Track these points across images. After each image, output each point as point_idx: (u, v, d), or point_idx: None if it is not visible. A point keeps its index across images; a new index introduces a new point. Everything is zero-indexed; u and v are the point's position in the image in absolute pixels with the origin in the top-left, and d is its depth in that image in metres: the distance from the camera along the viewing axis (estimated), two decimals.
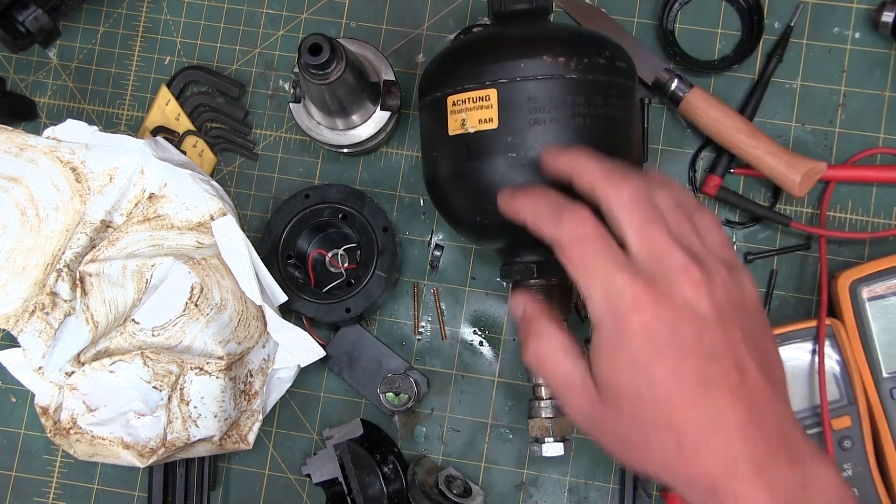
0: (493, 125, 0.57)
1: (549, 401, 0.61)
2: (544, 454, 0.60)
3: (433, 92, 0.61)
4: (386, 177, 0.77)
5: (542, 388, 0.61)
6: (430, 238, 0.76)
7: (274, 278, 0.69)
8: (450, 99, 0.59)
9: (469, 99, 0.58)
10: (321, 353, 0.70)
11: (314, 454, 0.71)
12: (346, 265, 0.75)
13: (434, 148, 0.62)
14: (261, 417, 0.71)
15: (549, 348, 0.51)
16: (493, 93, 0.58)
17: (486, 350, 0.75)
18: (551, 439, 0.60)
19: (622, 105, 0.59)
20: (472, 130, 0.58)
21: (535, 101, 0.57)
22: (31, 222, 0.71)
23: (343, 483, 0.68)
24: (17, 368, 0.71)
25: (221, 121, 0.78)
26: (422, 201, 0.76)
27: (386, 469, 0.70)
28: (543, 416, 0.60)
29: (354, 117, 0.70)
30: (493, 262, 0.75)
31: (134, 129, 0.79)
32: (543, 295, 0.61)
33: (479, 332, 0.75)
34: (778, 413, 0.45)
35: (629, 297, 0.45)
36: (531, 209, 0.51)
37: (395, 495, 0.69)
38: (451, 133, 0.59)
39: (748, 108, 0.73)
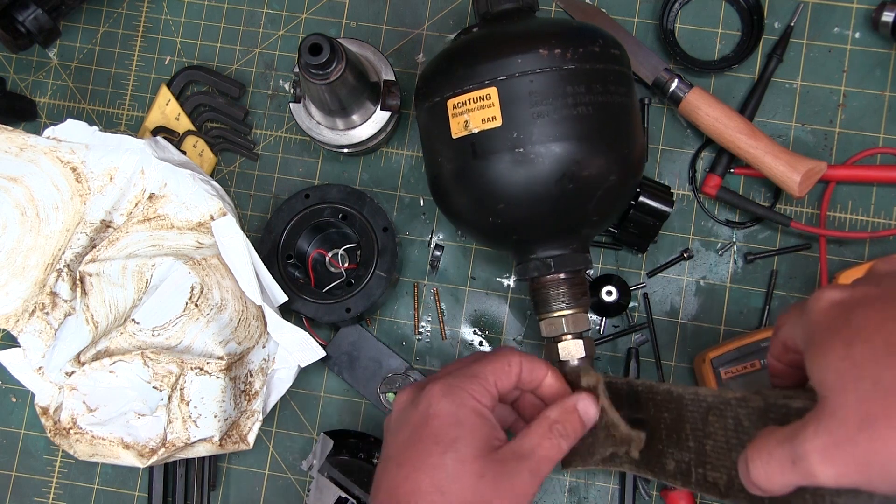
0: (497, 123, 0.57)
1: None
2: None
3: (431, 97, 0.61)
4: (386, 177, 0.77)
5: None
6: (430, 238, 0.76)
7: (274, 278, 0.69)
8: (450, 102, 0.59)
9: (469, 100, 0.58)
10: (321, 353, 0.70)
11: (307, 493, 0.71)
12: (346, 265, 0.75)
13: (438, 153, 0.61)
14: (261, 417, 0.71)
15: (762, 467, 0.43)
16: (493, 91, 0.58)
17: (486, 350, 0.75)
18: None
19: (621, 91, 0.60)
20: (476, 131, 0.58)
21: (535, 94, 0.57)
22: (31, 222, 0.71)
23: (348, 495, 0.67)
24: (17, 368, 0.71)
25: (221, 121, 0.78)
26: (422, 201, 0.76)
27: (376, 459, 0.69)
28: None
29: (354, 117, 0.70)
30: (493, 262, 0.75)
31: (134, 129, 0.79)
32: (563, 287, 0.61)
33: (479, 332, 0.75)
34: None
35: None
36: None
37: None
38: (454, 136, 0.59)
39: (748, 108, 0.73)
